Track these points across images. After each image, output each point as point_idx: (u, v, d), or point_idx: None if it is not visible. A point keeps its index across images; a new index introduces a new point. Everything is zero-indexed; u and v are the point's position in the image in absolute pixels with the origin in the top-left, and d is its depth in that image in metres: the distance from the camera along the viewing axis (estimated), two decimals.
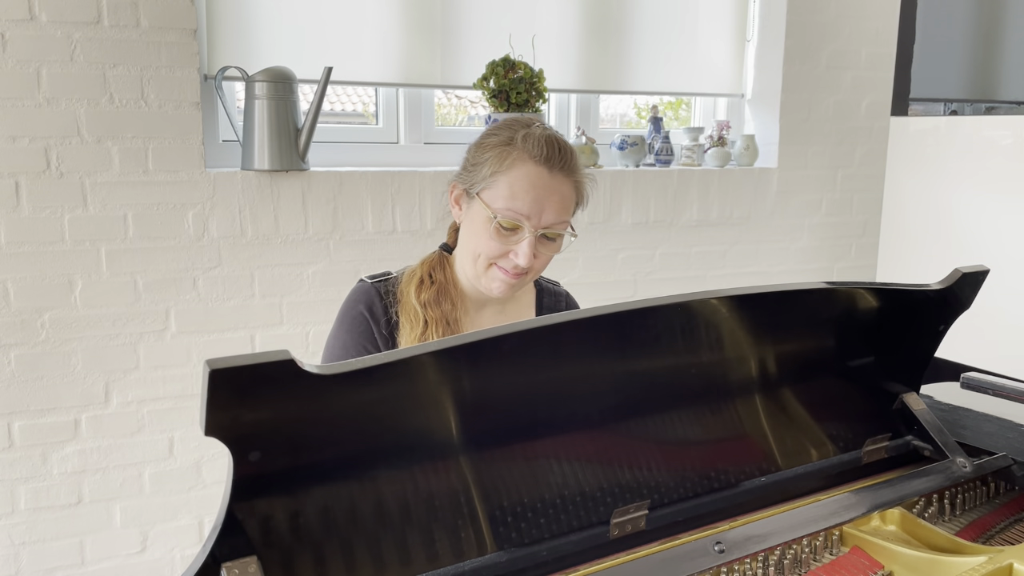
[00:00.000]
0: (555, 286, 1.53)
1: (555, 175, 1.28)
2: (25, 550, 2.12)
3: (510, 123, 1.34)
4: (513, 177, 1.27)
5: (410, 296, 1.35)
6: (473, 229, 1.32)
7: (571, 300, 1.53)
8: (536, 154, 1.28)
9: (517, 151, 1.28)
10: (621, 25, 2.67)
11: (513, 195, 1.27)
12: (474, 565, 0.87)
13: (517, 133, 1.30)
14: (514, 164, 1.28)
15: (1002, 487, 1.19)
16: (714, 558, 0.92)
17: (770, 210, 2.89)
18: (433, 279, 1.37)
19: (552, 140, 1.30)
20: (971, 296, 1.18)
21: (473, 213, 1.32)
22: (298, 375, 0.72)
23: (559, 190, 1.29)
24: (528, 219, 1.27)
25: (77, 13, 1.96)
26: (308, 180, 2.23)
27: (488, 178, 1.29)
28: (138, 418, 2.17)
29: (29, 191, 1.98)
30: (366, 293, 1.38)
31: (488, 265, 1.31)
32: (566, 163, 1.30)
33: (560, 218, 1.30)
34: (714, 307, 0.98)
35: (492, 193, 1.28)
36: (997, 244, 2.62)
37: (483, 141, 1.34)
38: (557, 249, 1.33)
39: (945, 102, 3.11)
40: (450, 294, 1.37)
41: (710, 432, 1.04)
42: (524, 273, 1.31)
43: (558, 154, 1.29)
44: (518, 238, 1.28)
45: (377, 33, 2.37)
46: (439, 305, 1.35)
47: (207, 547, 0.74)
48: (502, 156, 1.29)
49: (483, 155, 1.31)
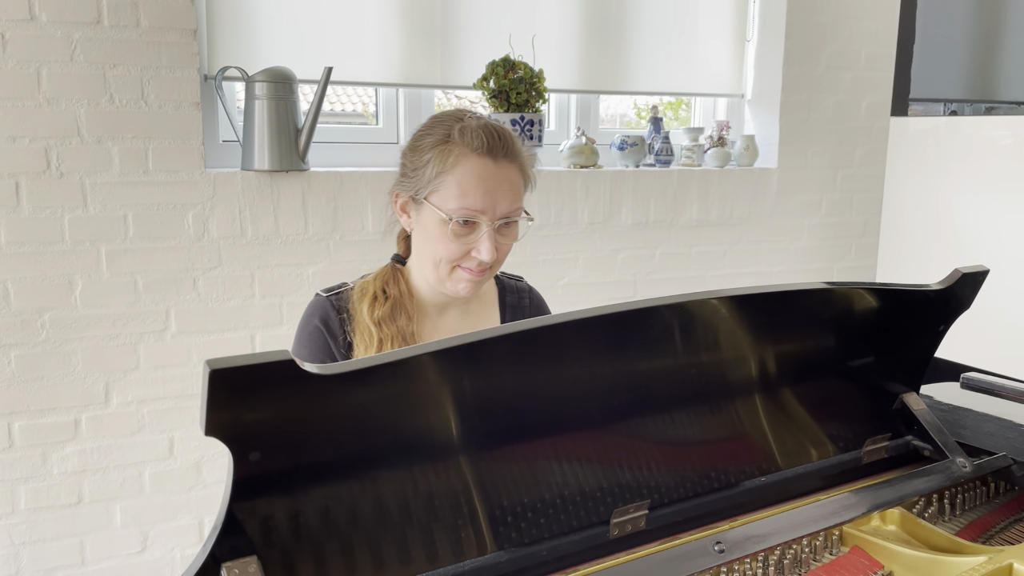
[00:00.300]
0: (518, 281, 1.50)
1: (500, 163, 1.26)
2: (25, 550, 2.12)
3: (441, 119, 1.31)
4: (460, 174, 1.25)
5: (363, 314, 1.32)
6: (428, 235, 1.29)
7: (534, 294, 1.50)
8: (478, 146, 1.25)
9: (457, 147, 1.25)
10: (621, 25, 2.67)
11: (464, 192, 1.24)
12: (474, 565, 0.87)
13: (452, 128, 1.27)
14: (458, 161, 1.25)
15: (1002, 487, 1.19)
16: (714, 558, 0.92)
17: (770, 210, 2.89)
18: (387, 294, 1.34)
19: (490, 128, 1.27)
20: (971, 296, 1.18)
21: (425, 219, 1.29)
22: (298, 375, 0.72)
23: (508, 177, 1.27)
24: (484, 213, 1.25)
25: (77, 13, 1.96)
26: (308, 180, 2.23)
27: (434, 180, 1.26)
28: (138, 418, 2.17)
29: (29, 191, 1.98)
30: (321, 307, 1.35)
31: (452, 269, 1.29)
32: (508, 149, 1.28)
33: (514, 205, 1.28)
34: (714, 307, 0.98)
35: (441, 195, 1.26)
36: (997, 244, 2.62)
37: (418, 143, 1.30)
38: (515, 237, 1.32)
39: (945, 102, 3.11)
40: (405, 308, 1.34)
41: (710, 432, 1.04)
42: (489, 268, 1.29)
43: (499, 141, 1.27)
44: (477, 235, 1.26)
45: (377, 33, 2.37)
46: (394, 321, 1.32)
47: (207, 547, 0.74)
48: (443, 155, 1.26)
49: (422, 157, 1.28)
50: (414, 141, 1.32)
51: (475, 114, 1.32)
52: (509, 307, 1.46)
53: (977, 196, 2.68)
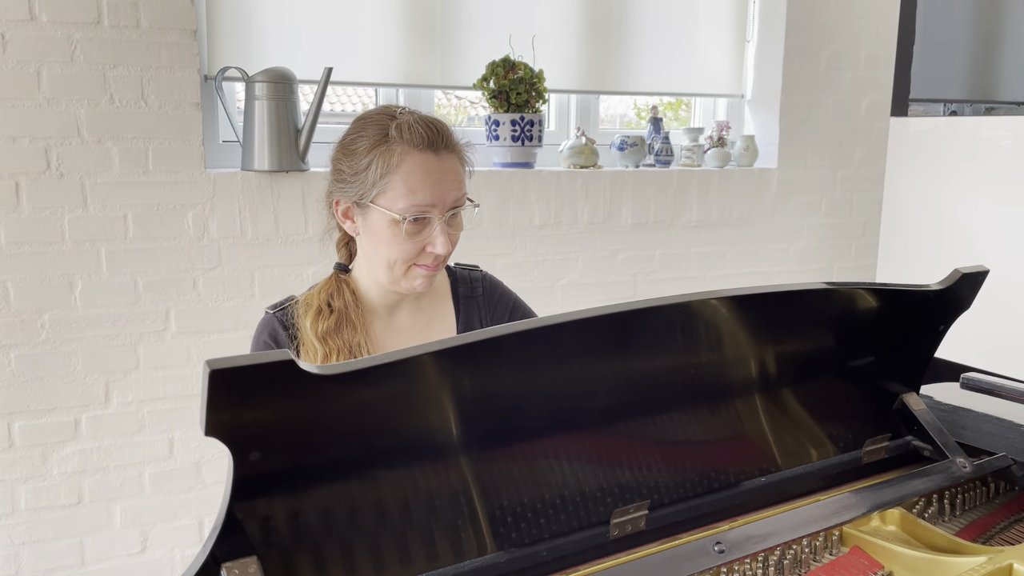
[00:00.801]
0: (471, 271, 1.49)
1: (442, 155, 1.27)
2: (25, 550, 2.12)
3: (372, 119, 1.29)
4: (405, 172, 1.24)
5: (306, 329, 1.31)
6: (379, 238, 1.27)
7: (487, 281, 1.49)
8: (419, 142, 1.25)
9: (398, 145, 1.25)
10: (621, 25, 2.67)
11: (412, 190, 1.24)
12: (474, 565, 0.87)
13: (388, 127, 1.26)
14: (402, 159, 1.24)
15: (1002, 487, 1.19)
16: (714, 558, 0.92)
17: (770, 210, 2.89)
18: (332, 307, 1.33)
19: (426, 122, 1.27)
20: (971, 296, 1.18)
21: (373, 222, 1.27)
22: (298, 375, 0.72)
23: (451, 167, 1.28)
24: (434, 207, 1.25)
25: (77, 13, 1.96)
26: (308, 180, 2.23)
27: (379, 182, 1.24)
28: (138, 418, 2.17)
29: (29, 191, 1.98)
30: (268, 324, 1.34)
31: (407, 268, 1.29)
32: (447, 140, 1.28)
33: (461, 191, 1.29)
34: (714, 307, 0.98)
35: (389, 196, 1.24)
36: (997, 244, 2.62)
37: (353, 147, 1.28)
38: (462, 226, 1.33)
39: (945, 103, 3.11)
40: (351, 319, 1.33)
41: (710, 432, 1.04)
42: (443, 260, 1.30)
43: (438, 134, 1.27)
44: (429, 230, 1.26)
45: (377, 33, 2.37)
46: (339, 334, 1.31)
47: (207, 547, 0.74)
48: (386, 156, 1.24)
49: (361, 161, 1.26)
50: (347, 145, 1.30)
51: (404, 109, 1.31)
52: (462, 298, 1.45)
53: (977, 196, 2.68)
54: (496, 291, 1.49)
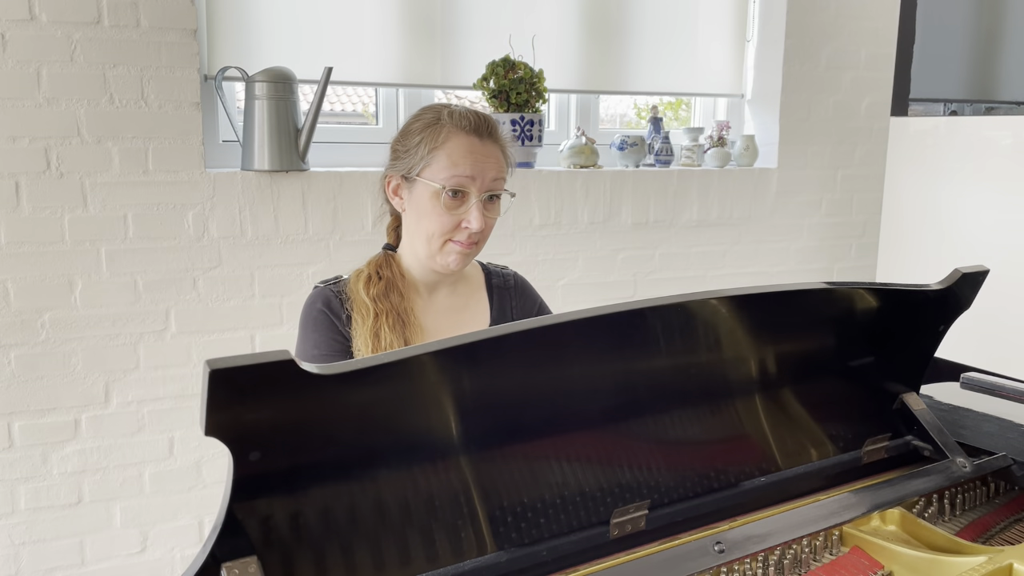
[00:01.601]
0: (502, 268, 1.60)
1: (486, 142, 1.38)
2: (25, 550, 2.12)
3: (429, 107, 1.43)
4: (450, 148, 1.35)
5: (359, 292, 1.41)
6: (420, 211, 1.38)
7: (519, 278, 1.59)
8: (465, 125, 1.37)
9: (447, 126, 1.37)
10: (621, 25, 2.67)
11: (454, 163, 1.35)
12: (474, 565, 0.87)
13: (442, 112, 1.39)
14: (448, 137, 1.36)
15: (1002, 487, 1.19)
16: (714, 558, 0.92)
17: (770, 210, 2.89)
18: (381, 275, 1.43)
19: (476, 112, 1.40)
20: (971, 296, 1.18)
21: (417, 195, 1.38)
22: (298, 375, 0.72)
23: (493, 153, 1.39)
24: (473, 181, 1.35)
25: (77, 13, 1.96)
26: (308, 180, 2.23)
27: (426, 156, 1.36)
28: (138, 418, 2.17)
29: (29, 191, 1.98)
30: (321, 294, 1.44)
31: (443, 243, 1.38)
32: (493, 131, 1.40)
33: (500, 175, 1.39)
34: (714, 307, 0.98)
35: (433, 168, 1.36)
36: (997, 244, 2.62)
37: (408, 128, 1.42)
38: (499, 212, 1.42)
39: (945, 102, 3.11)
40: (398, 287, 1.43)
41: (710, 432, 1.04)
42: (476, 242, 1.39)
43: (484, 124, 1.39)
44: (467, 206, 1.36)
45: (377, 33, 2.37)
46: (387, 298, 1.41)
47: (207, 547, 0.74)
48: (434, 134, 1.37)
49: (413, 139, 1.39)
50: (404, 128, 1.43)
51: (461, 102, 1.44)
52: (496, 288, 1.54)
53: (977, 196, 2.68)
54: (526, 288, 1.59)
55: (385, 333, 1.36)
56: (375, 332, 1.36)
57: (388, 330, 1.37)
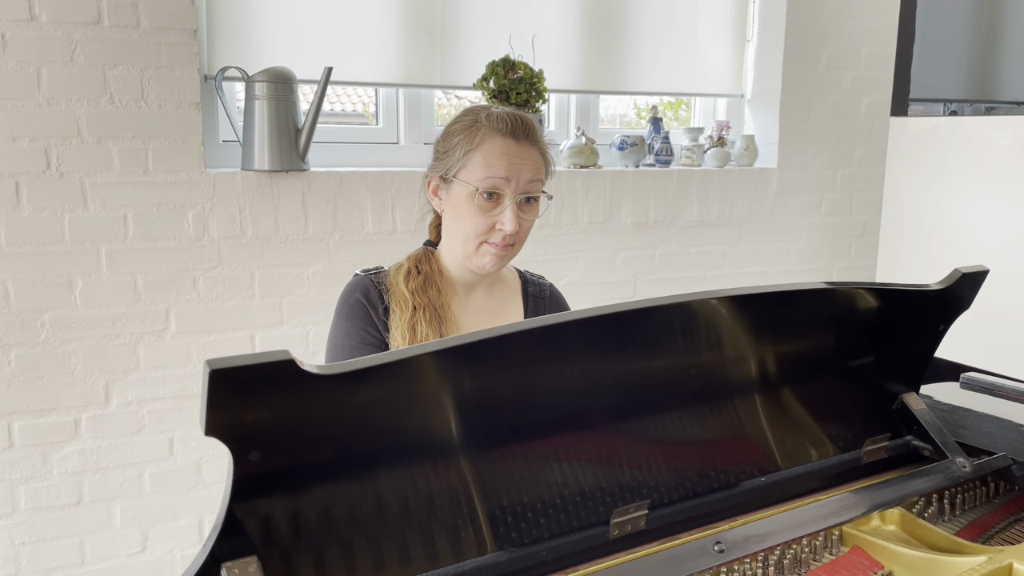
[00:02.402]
0: (539, 278, 1.61)
1: (523, 144, 1.38)
2: (25, 550, 2.12)
3: (470, 109, 1.44)
4: (486, 151, 1.36)
5: (399, 284, 1.43)
6: (457, 212, 1.39)
7: (555, 290, 1.61)
8: (502, 128, 1.37)
9: (484, 128, 1.38)
10: (621, 25, 2.67)
11: (489, 165, 1.35)
12: (474, 565, 0.87)
13: (480, 114, 1.40)
14: (484, 140, 1.37)
15: (1002, 487, 1.19)
16: (714, 558, 0.92)
17: (770, 210, 2.89)
18: (420, 270, 1.46)
19: (514, 114, 1.40)
20: (971, 296, 1.18)
21: (454, 196, 1.40)
22: (298, 375, 0.72)
23: (530, 156, 1.39)
24: (508, 182, 1.36)
25: (77, 13, 1.96)
26: (308, 180, 2.23)
27: (462, 158, 1.37)
28: (138, 418, 2.17)
29: (29, 191, 1.98)
30: (361, 283, 1.45)
31: (479, 244, 1.39)
32: (530, 133, 1.39)
33: (536, 177, 1.39)
34: (714, 307, 0.98)
35: (469, 170, 1.37)
36: (997, 244, 2.62)
37: (448, 130, 1.43)
38: (537, 213, 1.42)
39: (945, 102, 3.10)
40: (436, 282, 1.45)
41: (710, 432, 1.04)
42: (512, 244, 1.40)
43: (522, 126, 1.38)
44: (501, 207, 1.37)
45: (377, 33, 2.37)
46: (425, 292, 1.43)
47: (207, 547, 0.74)
48: (471, 135, 1.38)
49: (451, 141, 1.40)
50: (445, 130, 1.44)
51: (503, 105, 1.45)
52: (531, 296, 1.56)
53: (977, 196, 2.68)
54: (561, 301, 1.61)
55: (422, 327, 1.38)
56: (412, 325, 1.38)
57: (425, 324, 1.38)
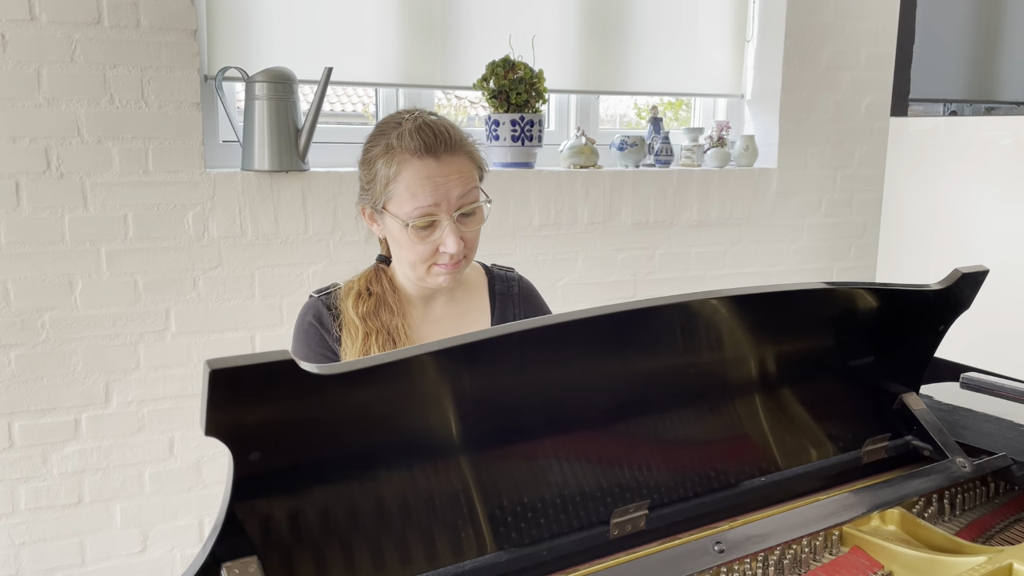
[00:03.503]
0: (508, 272, 1.54)
1: (443, 159, 1.28)
2: (25, 550, 2.12)
3: (382, 129, 1.34)
4: (407, 179, 1.28)
5: (348, 310, 1.37)
6: (397, 241, 1.34)
7: (523, 283, 1.53)
8: (417, 148, 1.27)
9: (398, 154, 1.28)
10: (621, 25, 2.67)
11: (413, 194, 1.27)
12: (474, 565, 0.87)
13: (391, 136, 1.30)
14: (401, 168, 1.28)
15: (1002, 487, 1.19)
16: (714, 558, 0.92)
17: (770, 210, 2.89)
18: (371, 291, 1.40)
19: (425, 128, 1.29)
20: (971, 296, 1.18)
21: (388, 227, 1.34)
22: (298, 375, 0.72)
23: (455, 168, 1.29)
24: (438, 207, 1.28)
25: (77, 13, 1.96)
26: (308, 180, 2.23)
27: (385, 191, 1.30)
28: (138, 418, 2.17)
29: (29, 191, 1.98)
30: (313, 306, 1.41)
31: (427, 267, 1.33)
32: (447, 143, 1.29)
33: (467, 190, 1.30)
34: (714, 307, 0.98)
35: (395, 202, 1.29)
36: (997, 244, 2.62)
37: (366, 157, 1.35)
38: (481, 220, 1.34)
39: (945, 102, 3.10)
40: (389, 304, 1.39)
41: (710, 432, 1.04)
42: (462, 258, 1.33)
43: (436, 139, 1.28)
44: (439, 231, 1.30)
45: (377, 33, 2.37)
46: (377, 316, 1.37)
47: (207, 547, 0.74)
48: (387, 164, 1.29)
49: (371, 170, 1.32)
50: (364, 154, 1.36)
51: (413, 114, 1.33)
52: (498, 294, 1.49)
53: (977, 196, 2.68)
54: (531, 295, 1.53)
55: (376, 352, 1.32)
56: (364, 351, 1.33)
57: (378, 349, 1.33)
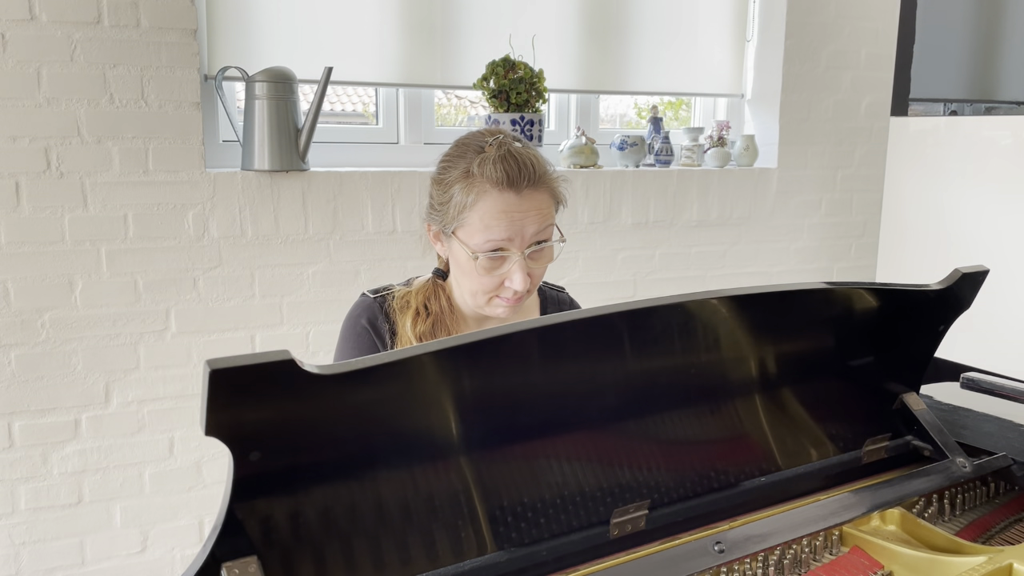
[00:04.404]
0: (559, 292, 1.50)
1: (524, 194, 1.23)
2: (25, 550, 2.12)
3: (464, 149, 1.28)
4: (482, 211, 1.22)
5: (406, 328, 1.33)
6: (462, 268, 1.29)
7: (575, 306, 1.50)
8: (499, 179, 1.21)
9: (478, 182, 1.22)
10: (621, 25, 2.67)
11: (487, 227, 1.22)
12: (474, 565, 0.87)
13: (472, 162, 1.24)
14: (479, 197, 1.22)
15: (1002, 487, 1.19)
16: (714, 558, 0.92)
17: (770, 210, 2.89)
18: (429, 310, 1.35)
19: (510, 158, 1.23)
20: (971, 296, 1.18)
21: (455, 251, 1.29)
22: (298, 375, 0.72)
23: (534, 204, 1.24)
24: (511, 241, 1.23)
25: (77, 13, 1.96)
26: (308, 180, 2.23)
27: (458, 217, 1.24)
28: (138, 418, 2.17)
29: (29, 191, 1.98)
30: (368, 308, 1.36)
31: (488, 299, 1.29)
32: (531, 178, 1.23)
33: (545, 224, 1.26)
34: (714, 307, 0.98)
35: (467, 230, 1.24)
36: (997, 244, 2.62)
37: (443, 176, 1.29)
38: (550, 259, 1.30)
39: (945, 102, 3.10)
40: (447, 324, 1.35)
41: (710, 432, 1.04)
42: (524, 293, 1.28)
43: (519, 173, 1.22)
44: (508, 265, 1.25)
45: (377, 33, 2.37)
46: (435, 336, 1.33)
47: (207, 547, 0.74)
48: (466, 191, 1.23)
49: (447, 193, 1.26)
50: (440, 172, 1.30)
51: (499, 138, 1.27)
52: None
53: (977, 196, 2.68)
54: None
55: None
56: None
57: None
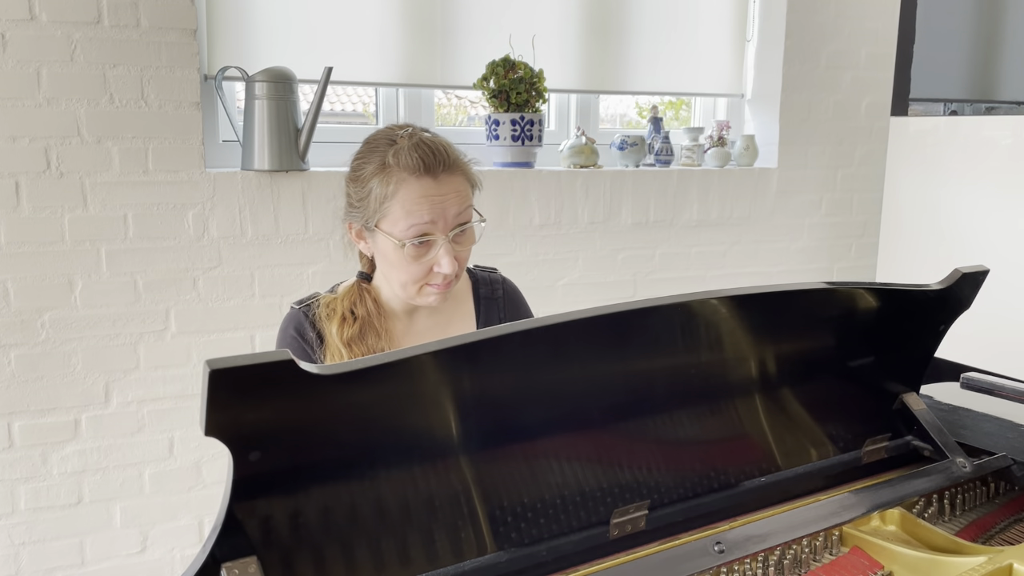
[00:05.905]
0: (491, 273, 1.52)
1: (441, 178, 1.28)
2: (25, 550, 2.12)
3: (375, 144, 1.32)
4: (403, 198, 1.27)
5: (332, 334, 1.34)
6: (388, 260, 1.32)
7: (508, 284, 1.52)
8: (415, 166, 1.26)
9: (395, 172, 1.27)
10: (621, 25, 2.67)
11: (409, 212, 1.26)
12: (474, 565, 0.87)
13: (387, 154, 1.28)
14: (399, 186, 1.27)
15: (1002, 487, 1.19)
16: (714, 558, 0.92)
17: (770, 210, 2.89)
18: (355, 314, 1.37)
19: (423, 146, 1.28)
20: (971, 296, 1.18)
21: (381, 245, 1.32)
22: (298, 375, 0.72)
23: (452, 186, 1.29)
24: (434, 225, 1.27)
25: (77, 13, 1.96)
26: (308, 180, 2.23)
27: (380, 208, 1.28)
28: (138, 418, 2.17)
29: (29, 191, 1.98)
30: (295, 318, 1.38)
31: (419, 288, 1.32)
32: (445, 162, 1.29)
33: (464, 206, 1.30)
34: (714, 307, 0.98)
35: (390, 220, 1.28)
36: (997, 244, 2.62)
37: (358, 173, 1.32)
38: (473, 240, 1.34)
39: (945, 102, 3.11)
40: (375, 326, 1.37)
41: (710, 432, 1.04)
42: (453, 278, 1.31)
43: (434, 158, 1.28)
44: (434, 251, 1.29)
45: (377, 33, 2.37)
46: (363, 341, 1.35)
47: (207, 547, 0.74)
48: (384, 183, 1.27)
49: (365, 188, 1.30)
50: (354, 171, 1.34)
51: (408, 130, 1.32)
52: (483, 299, 1.48)
53: (977, 196, 2.68)
54: (515, 298, 1.52)
55: None
56: None
57: None
